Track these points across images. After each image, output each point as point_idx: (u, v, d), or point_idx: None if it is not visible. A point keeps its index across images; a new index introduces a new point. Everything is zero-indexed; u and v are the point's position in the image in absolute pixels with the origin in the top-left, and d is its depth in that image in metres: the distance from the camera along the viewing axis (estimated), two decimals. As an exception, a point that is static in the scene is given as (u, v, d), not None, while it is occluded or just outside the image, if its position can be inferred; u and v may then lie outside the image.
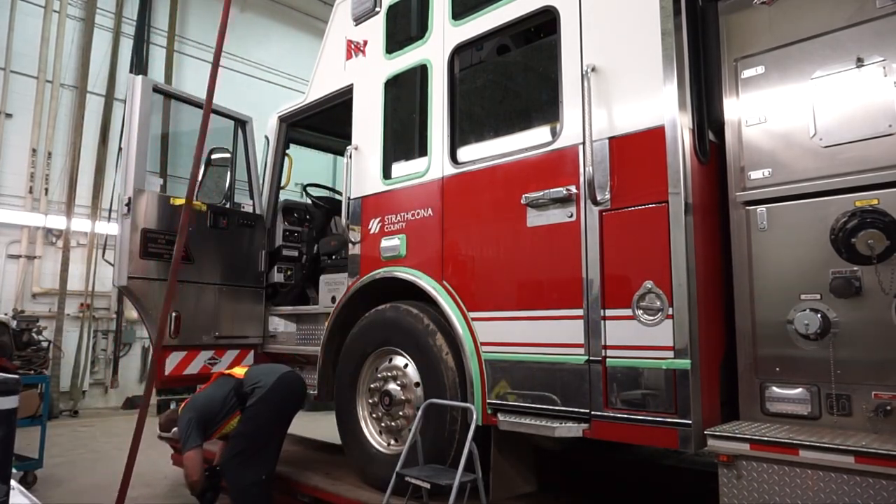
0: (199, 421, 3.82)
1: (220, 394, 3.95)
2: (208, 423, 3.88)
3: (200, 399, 3.98)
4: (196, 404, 3.93)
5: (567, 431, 2.83)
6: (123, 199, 4.33)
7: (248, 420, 3.85)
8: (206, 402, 3.93)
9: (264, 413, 3.84)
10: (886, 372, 2.34)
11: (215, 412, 3.90)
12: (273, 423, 3.92)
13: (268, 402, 3.85)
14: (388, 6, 4.19)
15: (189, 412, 3.86)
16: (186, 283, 4.56)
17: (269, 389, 3.85)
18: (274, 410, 3.90)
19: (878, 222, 2.34)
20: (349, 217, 4.17)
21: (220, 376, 4.17)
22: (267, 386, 3.86)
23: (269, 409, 3.86)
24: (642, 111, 2.79)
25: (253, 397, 3.86)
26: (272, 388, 3.86)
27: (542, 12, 3.25)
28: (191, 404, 3.94)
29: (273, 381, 3.89)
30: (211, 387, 4.08)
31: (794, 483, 2.28)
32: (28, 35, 9.91)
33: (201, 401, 3.95)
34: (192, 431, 3.76)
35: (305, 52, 12.64)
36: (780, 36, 2.71)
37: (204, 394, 4.03)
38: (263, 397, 3.83)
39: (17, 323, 6.73)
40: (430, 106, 3.75)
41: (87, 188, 10.39)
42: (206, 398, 3.97)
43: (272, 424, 3.91)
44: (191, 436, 3.75)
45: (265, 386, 3.86)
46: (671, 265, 2.60)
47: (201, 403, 3.92)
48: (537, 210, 3.12)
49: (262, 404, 3.83)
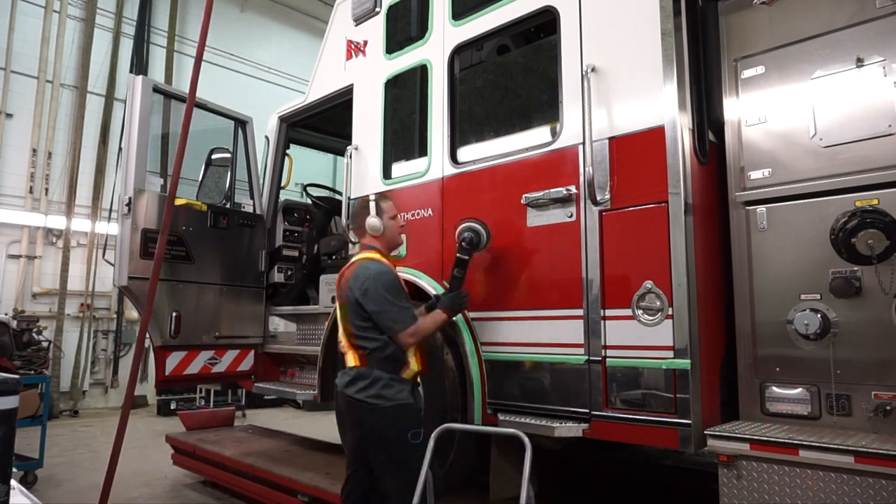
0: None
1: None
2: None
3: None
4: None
5: (567, 431, 2.83)
6: (123, 199, 4.33)
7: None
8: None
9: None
10: (886, 372, 2.34)
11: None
12: None
13: None
14: (389, 6, 4.19)
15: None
16: (186, 283, 4.57)
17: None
18: None
19: (878, 222, 2.34)
20: (349, 217, 4.16)
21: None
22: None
23: None
24: (642, 111, 2.80)
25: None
26: None
27: (542, 12, 3.25)
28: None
29: None
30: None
31: (794, 483, 2.28)
32: (28, 35, 9.91)
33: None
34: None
35: (305, 52, 12.64)
36: (780, 36, 2.71)
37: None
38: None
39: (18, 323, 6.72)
40: (430, 106, 3.76)
41: (87, 188, 10.39)
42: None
43: None
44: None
45: None
46: (671, 265, 2.60)
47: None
48: (537, 210, 3.12)
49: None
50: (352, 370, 2.90)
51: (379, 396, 2.79)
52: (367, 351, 2.86)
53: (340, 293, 3.01)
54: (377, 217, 3.09)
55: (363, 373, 2.85)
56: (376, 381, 2.81)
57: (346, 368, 2.94)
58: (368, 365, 2.85)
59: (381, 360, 2.85)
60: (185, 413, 6.95)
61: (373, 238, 3.10)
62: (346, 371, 2.94)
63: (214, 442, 5.37)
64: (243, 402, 10.09)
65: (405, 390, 2.86)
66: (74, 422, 9.26)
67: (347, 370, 2.93)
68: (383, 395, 2.80)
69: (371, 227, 3.08)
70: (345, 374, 2.93)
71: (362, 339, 2.88)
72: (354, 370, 2.88)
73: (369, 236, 3.11)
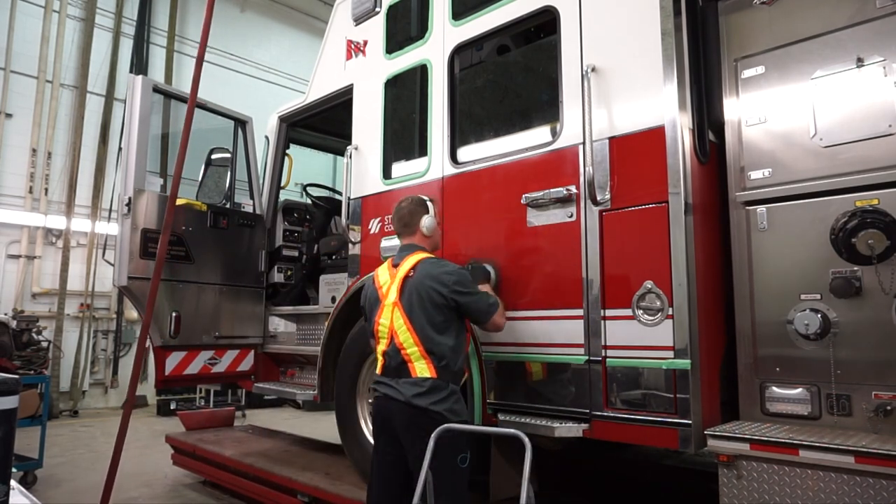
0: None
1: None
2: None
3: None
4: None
5: (567, 431, 2.83)
6: (123, 199, 4.33)
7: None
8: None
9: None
10: (886, 372, 2.34)
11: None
12: None
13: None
14: (389, 6, 4.19)
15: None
16: (186, 283, 4.56)
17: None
18: None
19: (879, 222, 2.34)
20: (349, 217, 4.17)
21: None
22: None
23: None
24: (642, 111, 2.79)
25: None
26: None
27: (542, 12, 3.25)
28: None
29: None
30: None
31: (794, 483, 2.28)
32: (28, 35, 9.91)
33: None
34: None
35: (305, 52, 12.64)
36: (780, 36, 2.70)
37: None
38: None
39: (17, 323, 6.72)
40: (430, 106, 3.75)
41: (87, 188, 10.39)
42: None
43: None
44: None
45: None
46: (671, 265, 2.60)
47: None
48: (537, 210, 3.12)
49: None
50: (425, 381, 2.68)
51: (452, 411, 2.67)
52: (441, 361, 2.70)
53: (401, 295, 2.80)
54: (433, 217, 3.03)
55: (439, 384, 2.69)
56: (452, 393, 2.71)
57: (415, 378, 2.70)
58: (441, 376, 2.70)
59: (453, 372, 2.74)
60: (185, 413, 6.95)
61: (423, 238, 3.01)
62: (414, 381, 2.70)
63: (214, 442, 5.37)
64: (243, 402, 10.09)
65: (465, 406, 2.80)
66: (74, 422, 9.26)
67: (418, 380, 2.69)
68: (455, 409, 2.70)
69: (427, 226, 2.99)
70: (414, 384, 2.70)
71: (437, 345, 2.71)
72: (429, 381, 2.68)
73: (419, 235, 3.00)
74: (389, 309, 2.83)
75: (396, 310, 2.80)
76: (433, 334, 2.72)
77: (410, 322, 2.75)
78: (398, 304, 2.80)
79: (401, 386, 2.73)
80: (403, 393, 2.71)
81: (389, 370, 2.81)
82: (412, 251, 2.94)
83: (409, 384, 2.71)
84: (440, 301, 2.74)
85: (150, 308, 3.98)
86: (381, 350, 2.86)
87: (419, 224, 2.99)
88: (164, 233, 3.98)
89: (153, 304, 3.98)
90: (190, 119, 4.06)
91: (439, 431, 2.50)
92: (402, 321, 2.77)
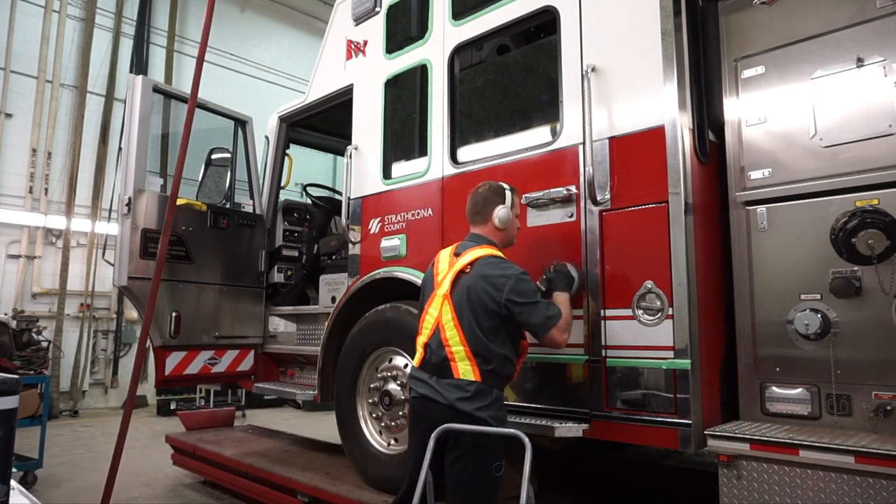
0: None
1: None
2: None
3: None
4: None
5: (567, 431, 2.83)
6: (123, 199, 4.33)
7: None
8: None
9: None
10: (886, 372, 2.34)
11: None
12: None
13: None
14: (389, 6, 4.19)
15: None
16: (186, 283, 4.56)
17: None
18: None
19: (879, 222, 2.34)
20: (349, 217, 4.17)
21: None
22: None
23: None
24: (642, 111, 2.79)
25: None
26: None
27: (542, 12, 3.25)
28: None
29: None
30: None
31: (794, 483, 2.28)
32: (28, 35, 9.91)
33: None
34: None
35: (305, 52, 12.64)
36: (780, 36, 2.70)
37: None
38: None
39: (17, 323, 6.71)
40: (430, 106, 3.75)
41: (87, 188, 10.39)
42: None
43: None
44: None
45: None
46: (671, 265, 2.60)
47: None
48: (537, 210, 3.12)
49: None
50: (470, 384, 2.49)
51: (497, 418, 2.51)
52: (488, 364, 2.52)
53: (453, 288, 2.63)
54: (510, 209, 2.78)
55: (484, 389, 2.51)
56: (496, 399, 2.54)
57: (456, 379, 2.52)
58: (485, 381, 2.52)
59: (499, 376, 2.57)
60: (185, 413, 6.95)
61: (495, 230, 2.77)
62: (457, 383, 2.51)
63: (214, 442, 5.37)
64: (243, 402, 10.09)
65: (506, 412, 2.67)
66: (74, 422, 9.26)
67: (461, 382, 2.51)
68: (500, 416, 2.54)
69: (501, 218, 2.74)
70: (457, 387, 2.51)
71: (485, 348, 2.52)
72: (474, 385, 2.49)
73: (490, 226, 2.77)
74: (440, 300, 2.64)
75: (447, 303, 2.62)
76: (482, 337, 2.53)
77: (459, 320, 2.56)
78: (448, 298, 2.62)
79: (442, 388, 2.54)
80: (446, 396, 2.52)
81: (429, 365, 2.62)
82: (478, 243, 2.73)
83: (452, 387, 2.52)
84: (492, 306, 2.54)
85: (151, 308, 3.98)
86: (423, 342, 2.67)
87: (492, 214, 2.75)
88: (164, 233, 3.98)
89: (154, 304, 3.98)
90: (190, 119, 4.06)
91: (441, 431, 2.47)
92: (451, 316, 2.58)
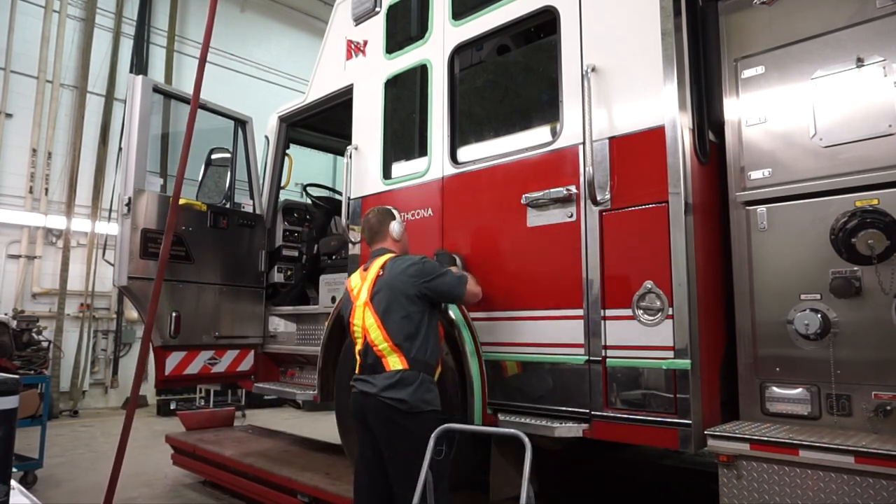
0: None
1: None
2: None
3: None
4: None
5: (567, 431, 2.83)
6: (123, 199, 4.33)
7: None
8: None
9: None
10: (886, 372, 2.34)
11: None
12: None
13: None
14: (389, 6, 4.19)
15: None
16: (186, 283, 4.56)
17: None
18: None
19: (879, 222, 2.34)
20: (349, 217, 4.17)
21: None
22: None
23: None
24: (642, 111, 2.79)
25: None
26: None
27: (542, 12, 3.25)
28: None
29: None
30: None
31: (794, 483, 2.28)
32: (28, 35, 9.91)
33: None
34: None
35: (305, 52, 12.64)
36: (780, 36, 2.71)
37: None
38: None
39: (17, 323, 6.72)
40: (430, 106, 3.75)
41: (87, 188, 10.39)
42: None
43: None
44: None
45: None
46: (671, 265, 2.60)
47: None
48: (537, 210, 3.12)
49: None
50: (395, 373, 2.76)
51: (423, 400, 2.75)
52: (411, 352, 2.79)
53: (372, 294, 2.91)
54: (401, 223, 3.23)
55: (408, 375, 2.76)
56: (422, 382, 2.77)
57: (387, 372, 2.79)
58: (412, 367, 2.78)
59: (423, 362, 2.81)
60: (185, 413, 6.95)
61: (393, 242, 3.16)
62: (386, 374, 2.79)
63: (214, 442, 5.37)
64: (243, 402, 10.09)
65: (438, 395, 2.84)
66: (74, 422, 9.26)
67: (389, 373, 2.78)
68: (425, 398, 2.76)
69: (396, 231, 3.16)
70: (384, 377, 2.78)
71: (406, 338, 2.80)
72: (399, 373, 2.76)
73: (389, 240, 3.16)
74: (360, 309, 2.95)
75: (367, 309, 2.92)
76: (403, 327, 2.81)
77: (381, 319, 2.85)
78: (368, 304, 2.92)
79: (375, 380, 2.82)
80: (376, 385, 2.80)
81: (366, 368, 2.91)
82: (382, 254, 3.09)
83: (383, 378, 2.80)
84: (412, 292, 2.85)
85: (153, 309, 3.99)
86: (357, 349, 2.96)
87: (388, 230, 3.15)
88: (167, 234, 3.97)
89: (156, 305, 3.98)
90: (193, 119, 4.06)
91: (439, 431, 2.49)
92: (373, 319, 2.88)
